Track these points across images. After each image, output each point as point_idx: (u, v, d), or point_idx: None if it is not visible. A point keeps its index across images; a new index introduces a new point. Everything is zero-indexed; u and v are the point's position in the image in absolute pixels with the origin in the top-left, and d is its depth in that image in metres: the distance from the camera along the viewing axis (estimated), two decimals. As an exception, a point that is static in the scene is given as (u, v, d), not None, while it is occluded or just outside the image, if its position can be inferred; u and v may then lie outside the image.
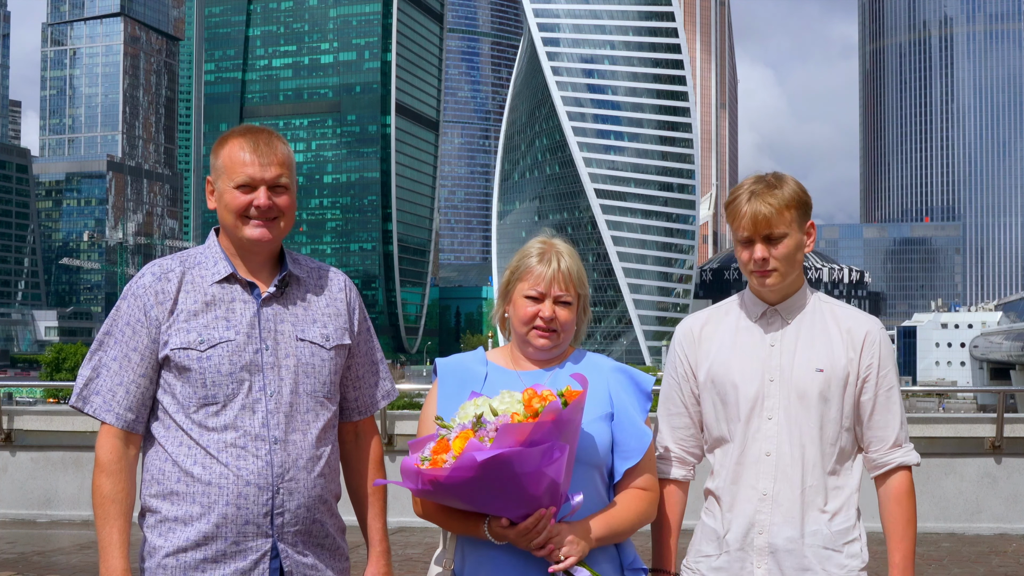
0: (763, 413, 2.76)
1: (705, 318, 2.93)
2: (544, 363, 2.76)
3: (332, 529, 2.69)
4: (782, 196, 2.72)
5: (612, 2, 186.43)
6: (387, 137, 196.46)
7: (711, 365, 2.84)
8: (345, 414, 2.81)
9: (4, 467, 8.92)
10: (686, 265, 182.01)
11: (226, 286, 2.63)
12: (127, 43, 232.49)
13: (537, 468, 2.40)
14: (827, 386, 2.74)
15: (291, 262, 2.72)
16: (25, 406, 11.07)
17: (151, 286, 2.60)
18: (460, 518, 2.60)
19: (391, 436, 8.65)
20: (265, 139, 2.63)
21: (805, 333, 2.80)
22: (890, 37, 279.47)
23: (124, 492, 2.58)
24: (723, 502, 2.81)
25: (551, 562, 2.52)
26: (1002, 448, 8.42)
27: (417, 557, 7.30)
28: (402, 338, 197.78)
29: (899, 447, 2.80)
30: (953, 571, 7.12)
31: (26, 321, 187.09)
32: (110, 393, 2.58)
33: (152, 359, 2.58)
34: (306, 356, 2.63)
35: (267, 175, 2.59)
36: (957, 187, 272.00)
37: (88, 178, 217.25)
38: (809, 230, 2.79)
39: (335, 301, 2.74)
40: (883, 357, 2.79)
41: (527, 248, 2.78)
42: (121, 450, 2.59)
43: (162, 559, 2.54)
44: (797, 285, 2.83)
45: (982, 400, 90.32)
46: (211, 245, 2.69)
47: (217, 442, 2.53)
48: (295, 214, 2.69)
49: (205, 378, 2.54)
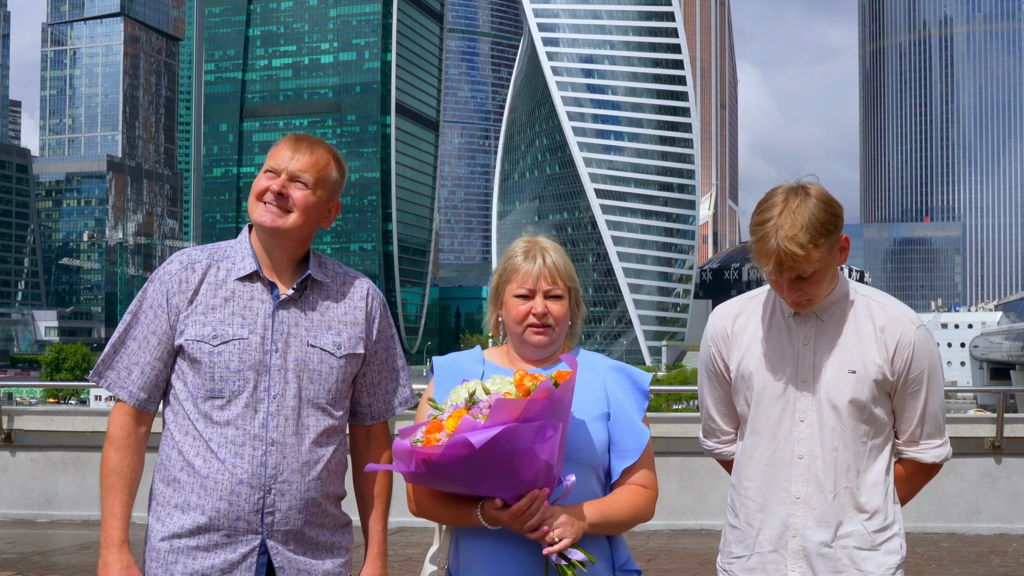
0: (795, 415, 2.72)
1: (738, 310, 2.87)
2: (541, 362, 2.75)
3: (327, 528, 2.71)
4: (808, 234, 2.54)
5: (612, 2, 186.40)
6: (387, 137, 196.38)
7: (742, 361, 2.79)
8: (358, 417, 2.85)
9: (4, 467, 8.91)
10: (686, 265, 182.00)
11: (247, 283, 2.67)
12: (127, 43, 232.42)
13: (530, 446, 2.39)
14: (859, 388, 2.68)
15: (316, 266, 2.74)
16: (25, 406, 11.07)
17: (176, 274, 2.67)
18: (453, 506, 2.58)
19: (391, 436, 8.62)
20: (309, 141, 2.73)
21: (839, 331, 2.73)
22: (890, 37, 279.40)
23: (130, 467, 2.65)
24: (754, 502, 2.77)
25: (544, 544, 2.50)
26: (1002, 448, 8.42)
27: (417, 557, 7.29)
28: (402, 338, 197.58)
29: (914, 443, 2.78)
30: (953, 571, 7.12)
31: (26, 321, 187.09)
32: (126, 371, 2.67)
33: (169, 344, 2.66)
34: (314, 362, 2.66)
35: (292, 167, 2.66)
36: (957, 187, 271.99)
37: (88, 178, 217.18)
38: (844, 245, 2.67)
39: (354, 309, 2.76)
40: (915, 359, 2.71)
41: (512, 248, 2.77)
42: (131, 426, 2.66)
43: (156, 542, 2.61)
44: (832, 286, 2.74)
45: (982, 400, 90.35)
46: (243, 240, 2.75)
47: (218, 437, 2.59)
48: (316, 218, 2.72)
49: (214, 372, 2.60)
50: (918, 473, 2.84)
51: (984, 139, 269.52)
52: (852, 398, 2.68)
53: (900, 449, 2.82)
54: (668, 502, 8.33)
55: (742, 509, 2.80)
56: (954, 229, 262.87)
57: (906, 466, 2.83)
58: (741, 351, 2.80)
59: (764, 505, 2.75)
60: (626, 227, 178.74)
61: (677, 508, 8.46)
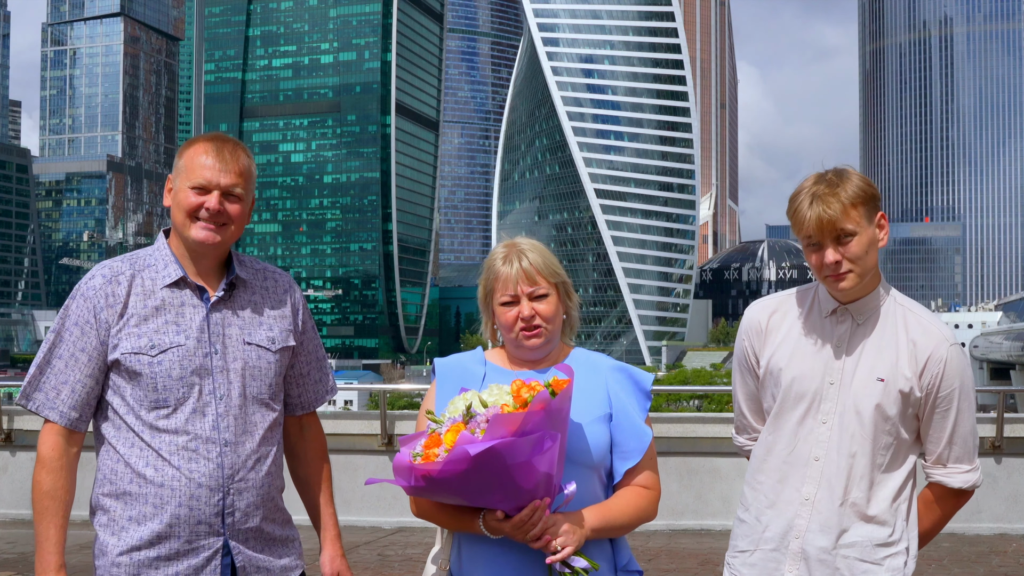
0: (818, 416, 2.69)
1: (775, 306, 2.84)
2: (540, 363, 2.74)
3: (279, 522, 2.74)
4: (846, 194, 2.58)
5: (612, 2, 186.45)
6: (387, 137, 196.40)
7: (773, 356, 2.77)
8: (289, 409, 2.86)
9: (4, 467, 8.92)
10: (686, 265, 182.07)
11: (176, 290, 2.66)
12: (127, 43, 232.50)
13: (529, 459, 2.39)
14: (886, 397, 2.64)
15: (238, 265, 2.75)
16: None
17: (101, 288, 2.63)
18: (455, 514, 2.59)
19: (391, 436, 8.61)
20: (230, 148, 2.69)
21: (874, 337, 2.69)
22: (890, 37, 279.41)
23: (63, 489, 2.66)
24: (766, 498, 2.75)
25: (547, 553, 2.50)
26: (1002, 448, 8.43)
27: (417, 557, 7.28)
28: (402, 338, 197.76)
29: (941, 465, 2.72)
30: (953, 571, 7.12)
31: (26, 321, 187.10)
32: (54, 391, 2.63)
33: (100, 360, 2.62)
34: (253, 359, 2.68)
35: (223, 181, 2.64)
36: (957, 187, 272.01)
37: (88, 178, 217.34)
38: (881, 222, 2.67)
39: (280, 303, 2.79)
40: (945, 377, 2.65)
41: (492, 255, 2.77)
42: (63, 447, 2.64)
43: (115, 557, 2.59)
44: (873, 285, 2.70)
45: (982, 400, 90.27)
46: (160, 247, 2.73)
47: (169, 444, 2.57)
48: (245, 224, 2.74)
49: (156, 382, 2.57)
50: (946, 499, 2.76)
51: (984, 139, 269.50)
52: (877, 405, 2.64)
53: (928, 472, 2.76)
54: (668, 502, 8.33)
55: (754, 504, 2.78)
56: (954, 229, 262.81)
57: (933, 490, 2.76)
58: (774, 346, 2.77)
59: (775, 502, 2.73)
60: (626, 227, 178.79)
61: (677, 508, 8.45)
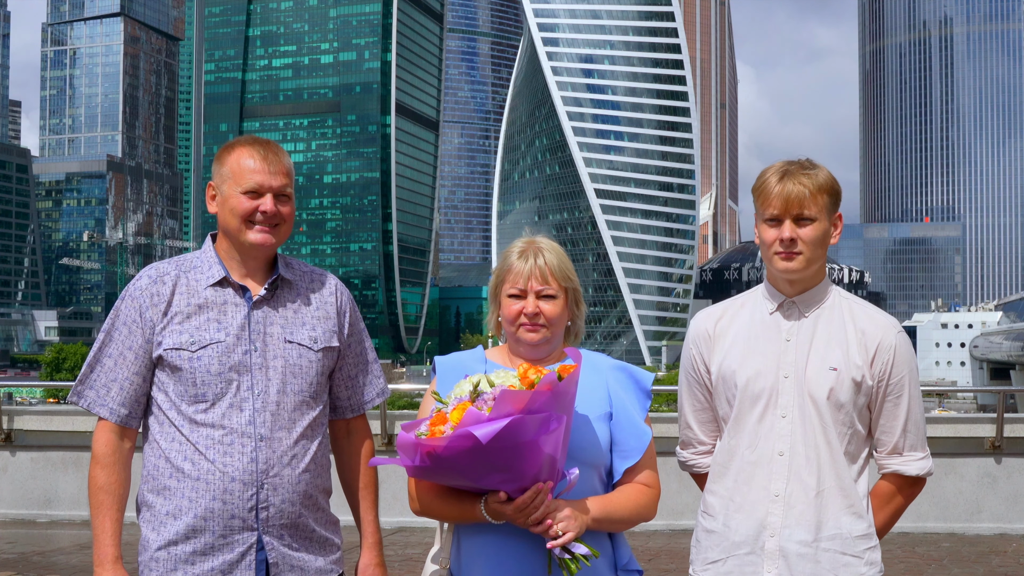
0: (776, 411, 2.69)
1: (719, 313, 2.86)
2: (538, 362, 2.74)
3: (319, 522, 2.76)
4: (816, 179, 2.65)
5: (612, 2, 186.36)
6: (387, 137, 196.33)
7: (724, 360, 2.77)
8: (337, 411, 2.90)
9: (4, 467, 8.92)
10: (686, 265, 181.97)
11: (219, 289, 2.73)
12: (127, 43, 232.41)
13: (535, 438, 2.39)
14: (839, 384, 2.66)
15: (283, 266, 2.80)
16: (25, 406, 11.07)
17: (147, 288, 2.72)
18: (456, 502, 2.59)
19: (391, 436, 8.62)
20: (273, 149, 2.77)
21: (822, 329, 2.72)
22: (890, 37, 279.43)
23: (118, 484, 2.70)
24: (732, 503, 2.72)
25: (548, 539, 2.50)
26: (1002, 448, 8.42)
27: (417, 557, 7.28)
28: (402, 338, 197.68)
29: (897, 454, 2.73)
30: (953, 571, 7.12)
31: (26, 321, 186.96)
32: (104, 388, 2.71)
33: (146, 358, 2.70)
34: (294, 357, 2.72)
35: (274, 183, 2.72)
36: (957, 187, 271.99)
37: (88, 178, 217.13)
38: (836, 221, 2.71)
39: (325, 304, 2.82)
40: (895, 364, 2.69)
41: (510, 248, 2.79)
42: (115, 443, 2.71)
43: (154, 552, 2.64)
44: (818, 278, 2.75)
45: (982, 400, 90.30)
46: (207, 250, 2.80)
47: (205, 438, 2.63)
48: (293, 222, 2.83)
49: (195, 377, 2.64)
50: (902, 490, 2.76)
51: (984, 139, 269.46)
52: (831, 391, 2.65)
53: (883, 464, 2.76)
54: (668, 502, 8.29)
55: (721, 511, 2.75)
56: (954, 229, 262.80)
57: (889, 481, 2.76)
58: (723, 351, 2.78)
59: (742, 505, 2.70)
60: (626, 227, 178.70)
61: (677, 508, 8.45)
